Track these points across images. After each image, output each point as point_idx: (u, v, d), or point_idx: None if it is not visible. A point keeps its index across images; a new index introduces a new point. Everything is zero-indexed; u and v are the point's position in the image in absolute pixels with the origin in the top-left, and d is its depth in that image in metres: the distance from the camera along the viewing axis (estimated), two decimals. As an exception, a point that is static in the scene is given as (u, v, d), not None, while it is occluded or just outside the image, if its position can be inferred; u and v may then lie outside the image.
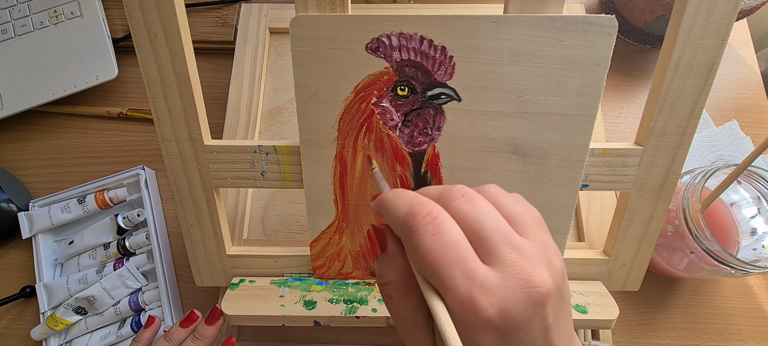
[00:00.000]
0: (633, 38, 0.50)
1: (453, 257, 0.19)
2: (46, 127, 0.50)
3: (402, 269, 0.22)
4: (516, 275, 0.19)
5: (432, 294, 0.20)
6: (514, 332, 0.19)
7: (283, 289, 0.36)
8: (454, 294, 0.19)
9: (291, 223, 0.44)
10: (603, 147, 0.32)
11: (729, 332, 0.42)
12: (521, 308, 0.19)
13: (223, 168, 0.34)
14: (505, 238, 0.20)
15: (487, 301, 0.18)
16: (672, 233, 0.37)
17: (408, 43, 0.29)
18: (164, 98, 0.32)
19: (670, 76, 0.30)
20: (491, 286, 0.19)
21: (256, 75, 0.47)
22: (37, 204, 0.45)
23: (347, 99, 0.31)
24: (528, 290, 0.19)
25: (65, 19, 0.49)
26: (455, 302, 0.19)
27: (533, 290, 0.19)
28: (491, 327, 0.18)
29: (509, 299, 0.19)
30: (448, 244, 0.19)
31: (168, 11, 0.29)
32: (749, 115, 0.49)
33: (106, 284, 0.41)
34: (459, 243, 0.19)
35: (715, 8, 0.28)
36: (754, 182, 0.38)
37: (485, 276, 0.19)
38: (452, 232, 0.20)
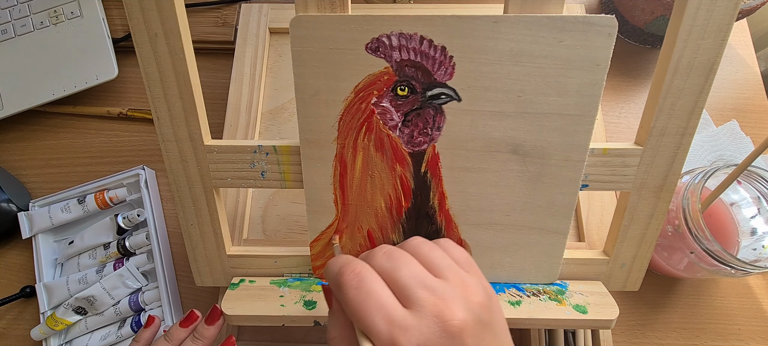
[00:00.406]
0: (633, 38, 0.50)
1: (373, 306, 0.22)
2: (46, 127, 0.50)
3: (343, 325, 0.25)
4: (430, 312, 0.22)
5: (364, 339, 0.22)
6: None
7: (283, 289, 0.36)
8: (378, 338, 0.21)
9: (291, 223, 0.44)
10: (603, 147, 0.32)
11: (729, 332, 0.42)
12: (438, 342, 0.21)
13: (223, 168, 0.34)
14: (420, 282, 0.23)
15: (406, 339, 0.21)
16: (672, 233, 0.37)
17: (408, 43, 0.29)
18: (164, 98, 0.32)
19: (670, 76, 0.30)
20: (409, 326, 0.21)
21: (256, 75, 0.47)
22: (37, 204, 0.45)
23: (347, 99, 0.31)
24: (442, 324, 0.22)
25: (65, 19, 0.49)
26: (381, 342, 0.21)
27: (447, 324, 0.21)
28: None
29: (425, 335, 0.21)
30: (369, 294, 0.22)
31: (168, 11, 0.29)
32: (749, 115, 0.49)
33: (106, 284, 0.41)
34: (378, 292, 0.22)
35: (715, 8, 0.28)
36: (754, 182, 0.38)
37: (403, 318, 0.22)
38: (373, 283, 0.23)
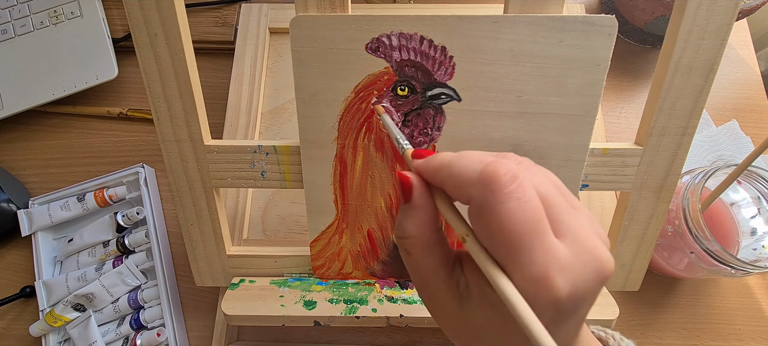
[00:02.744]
0: (633, 38, 0.50)
1: (536, 227, 0.17)
2: (46, 127, 0.50)
3: (426, 225, 0.20)
4: (586, 248, 0.18)
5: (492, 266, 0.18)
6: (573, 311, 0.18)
7: (283, 289, 0.36)
8: (529, 270, 0.17)
9: (291, 223, 0.44)
10: (603, 147, 0.32)
11: (729, 332, 0.42)
12: (589, 286, 0.17)
13: (223, 168, 0.34)
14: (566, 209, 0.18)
15: (562, 280, 0.17)
16: (672, 233, 0.37)
17: (408, 43, 0.29)
18: (164, 98, 0.32)
19: (670, 76, 0.30)
20: (567, 263, 0.17)
21: (256, 75, 0.47)
22: (37, 202, 0.45)
23: (347, 99, 0.31)
24: (598, 266, 0.18)
25: (65, 19, 0.49)
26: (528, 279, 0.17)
27: (602, 266, 0.18)
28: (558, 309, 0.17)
29: (581, 277, 0.17)
30: (534, 211, 0.17)
31: (168, 11, 0.29)
32: (749, 115, 0.49)
33: (105, 282, 0.41)
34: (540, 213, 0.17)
35: (715, 8, 0.28)
36: (754, 182, 0.37)
37: (561, 252, 0.17)
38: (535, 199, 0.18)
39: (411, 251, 0.21)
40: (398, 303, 0.35)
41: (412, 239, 0.21)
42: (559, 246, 0.17)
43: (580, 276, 0.17)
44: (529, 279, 0.17)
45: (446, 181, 0.20)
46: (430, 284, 0.21)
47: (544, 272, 0.17)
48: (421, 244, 0.20)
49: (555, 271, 0.17)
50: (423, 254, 0.21)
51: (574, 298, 0.17)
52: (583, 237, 0.18)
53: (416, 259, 0.21)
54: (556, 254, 0.17)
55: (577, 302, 0.17)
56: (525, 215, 0.17)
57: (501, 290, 0.17)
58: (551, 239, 0.17)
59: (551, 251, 0.17)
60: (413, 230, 0.20)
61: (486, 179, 0.18)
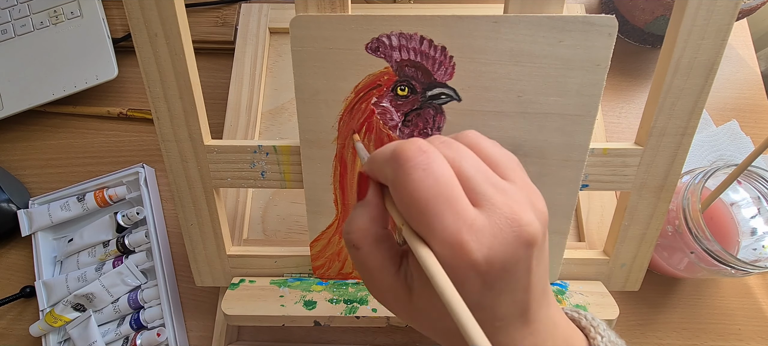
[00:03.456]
0: (633, 38, 0.50)
1: (443, 195, 0.18)
2: (46, 127, 0.50)
3: (375, 219, 0.21)
4: (503, 215, 0.18)
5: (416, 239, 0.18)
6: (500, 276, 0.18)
7: (283, 289, 0.36)
8: (442, 236, 0.18)
9: (291, 223, 0.44)
10: (603, 147, 0.32)
11: (729, 332, 0.42)
12: (509, 249, 0.18)
13: (223, 168, 0.34)
14: (488, 179, 0.19)
15: (476, 243, 0.17)
16: (672, 233, 0.37)
17: (408, 43, 0.29)
18: (164, 98, 0.32)
19: (670, 76, 0.30)
20: (480, 227, 0.18)
21: (256, 75, 0.47)
22: (37, 202, 0.45)
23: (347, 99, 0.31)
24: (517, 230, 0.18)
25: (65, 19, 0.49)
26: (443, 244, 0.18)
27: (522, 230, 0.18)
28: (477, 272, 0.18)
29: (498, 240, 0.18)
30: (439, 179, 0.18)
31: (168, 11, 0.29)
32: (749, 115, 0.49)
33: (105, 282, 0.41)
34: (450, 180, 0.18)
35: (715, 8, 0.28)
36: (754, 182, 0.38)
37: (474, 217, 0.18)
38: (444, 168, 0.18)
39: (360, 245, 0.21)
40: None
41: (360, 231, 0.21)
42: (473, 212, 0.18)
43: (496, 239, 0.18)
44: (444, 244, 0.18)
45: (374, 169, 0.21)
46: (378, 278, 0.22)
47: (456, 236, 0.17)
48: (369, 238, 0.21)
49: (467, 234, 0.17)
50: (371, 248, 0.21)
51: (493, 262, 0.18)
52: (502, 203, 0.18)
53: (364, 254, 0.21)
54: (467, 218, 0.18)
55: (499, 266, 0.18)
56: (431, 183, 0.18)
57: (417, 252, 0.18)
58: (464, 206, 0.18)
59: (462, 215, 0.18)
60: (361, 224, 0.21)
61: (395, 155, 0.19)
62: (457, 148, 0.20)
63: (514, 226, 0.18)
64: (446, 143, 0.20)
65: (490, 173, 0.20)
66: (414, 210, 0.18)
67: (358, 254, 0.21)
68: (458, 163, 0.19)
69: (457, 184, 0.18)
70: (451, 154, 0.20)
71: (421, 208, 0.18)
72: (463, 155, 0.20)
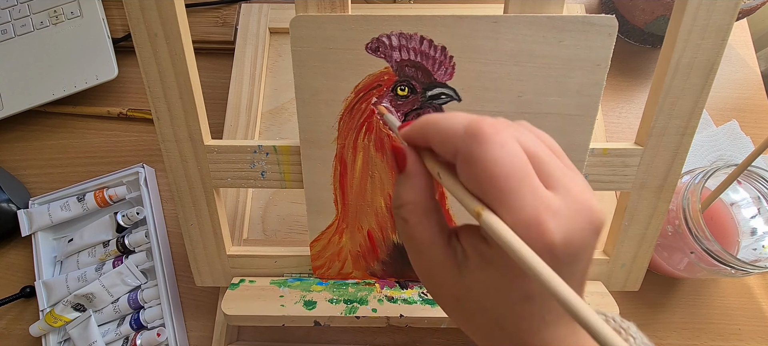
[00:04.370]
0: (633, 38, 0.50)
1: (521, 174, 0.17)
2: (46, 127, 0.50)
3: (422, 191, 0.21)
4: (578, 199, 0.18)
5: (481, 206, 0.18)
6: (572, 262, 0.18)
7: (283, 289, 0.36)
8: (519, 214, 0.17)
9: (291, 223, 0.44)
10: (603, 147, 0.32)
11: (729, 332, 0.42)
12: (584, 235, 0.18)
13: (223, 168, 0.34)
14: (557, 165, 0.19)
15: (555, 225, 0.17)
16: (672, 233, 0.37)
17: (408, 43, 0.29)
18: (164, 98, 0.32)
19: (670, 76, 0.30)
20: (557, 209, 0.17)
21: (256, 75, 0.47)
22: (37, 202, 0.45)
23: (347, 99, 0.31)
24: (590, 215, 0.18)
25: (65, 19, 0.49)
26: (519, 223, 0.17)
27: (594, 216, 0.18)
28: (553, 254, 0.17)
29: (574, 224, 0.17)
30: (516, 158, 0.18)
31: (168, 11, 0.29)
32: (749, 115, 0.49)
33: (105, 282, 0.41)
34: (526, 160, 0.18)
35: (715, 8, 0.28)
36: (754, 182, 0.38)
37: (552, 199, 0.18)
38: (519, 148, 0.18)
39: (408, 218, 0.21)
40: (398, 303, 0.35)
41: (408, 205, 0.21)
42: (550, 194, 0.18)
43: (573, 224, 0.18)
44: (521, 223, 0.17)
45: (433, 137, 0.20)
46: (427, 253, 0.21)
47: (535, 216, 0.17)
48: (418, 210, 0.21)
49: (547, 215, 0.17)
50: (420, 221, 0.21)
51: (568, 246, 0.17)
52: (576, 190, 0.18)
53: (413, 226, 0.21)
54: (545, 199, 0.17)
55: (572, 252, 0.18)
56: (510, 160, 0.18)
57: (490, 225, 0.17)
58: (540, 186, 0.18)
59: (541, 196, 0.17)
60: (410, 197, 0.21)
61: (471, 130, 0.18)
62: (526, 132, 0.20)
63: (587, 211, 0.18)
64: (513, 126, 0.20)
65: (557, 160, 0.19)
66: (491, 186, 0.18)
67: (407, 227, 0.21)
68: (531, 146, 0.19)
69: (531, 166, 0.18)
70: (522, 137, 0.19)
71: (499, 184, 0.17)
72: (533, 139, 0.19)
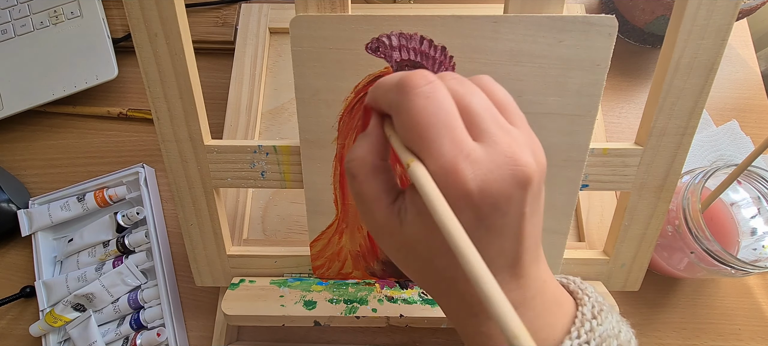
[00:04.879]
0: (633, 38, 0.50)
1: (443, 122, 0.18)
2: (46, 127, 0.50)
3: (374, 149, 0.22)
4: (503, 152, 0.18)
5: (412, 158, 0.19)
6: (492, 212, 0.18)
7: (283, 289, 0.36)
8: (438, 161, 0.18)
9: (291, 223, 0.44)
10: (603, 147, 0.32)
11: (729, 332, 0.42)
12: (504, 186, 0.18)
13: (223, 168, 0.34)
14: (494, 118, 0.20)
15: (471, 172, 0.18)
16: (672, 233, 0.37)
17: (408, 43, 0.29)
18: (164, 98, 0.32)
19: (670, 76, 0.30)
20: (477, 158, 0.18)
21: (256, 75, 0.47)
22: (37, 202, 0.45)
23: (347, 99, 0.31)
24: (513, 167, 0.18)
25: (65, 19, 0.49)
26: (438, 169, 0.18)
27: (518, 169, 0.18)
28: (470, 203, 0.18)
29: (493, 174, 0.18)
30: (441, 107, 0.19)
31: (168, 11, 0.29)
32: (749, 115, 0.49)
33: (105, 282, 0.41)
34: (451, 111, 0.19)
35: (715, 8, 0.28)
36: (754, 182, 0.38)
37: (472, 148, 0.18)
38: (446, 99, 0.19)
39: (357, 173, 0.22)
40: (398, 303, 0.35)
41: (358, 160, 0.22)
42: (473, 143, 0.19)
43: (492, 174, 0.18)
44: (439, 170, 0.18)
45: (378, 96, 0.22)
46: (372, 207, 0.22)
47: (452, 162, 0.18)
48: (366, 167, 0.21)
49: (464, 163, 0.18)
50: (368, 177, 0.21)
51: (485, 195, 0.18)
52: (505, 143, 0.19)
53: (361, 182, 0.22)
54: (465, 148, 0.18)
55: (490, 202, 0.18)
56: (433, 109, 0.18)
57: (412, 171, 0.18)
58: (463, 135, 0.19)
59: (461, 144, 0.18)
60: (360, 153, 0.22)
61: (401, 82, 0.20)
62: (468, 86, 0.20)
63: (511, 163, 0.18)
64: (458, 80, 0.21)
65: (497, 114, 0.20)
66: (414, 134, 0.19)
67: (354, 182, 0.22)
68: (466, 98, 0.20)
69: (458, 115, 0.19)
70: (460, 90, 0.20)
71: (421, 132, 0.18)
72: (473, 92, 0.20)
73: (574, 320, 0.21)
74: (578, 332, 0.20)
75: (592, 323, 0.21)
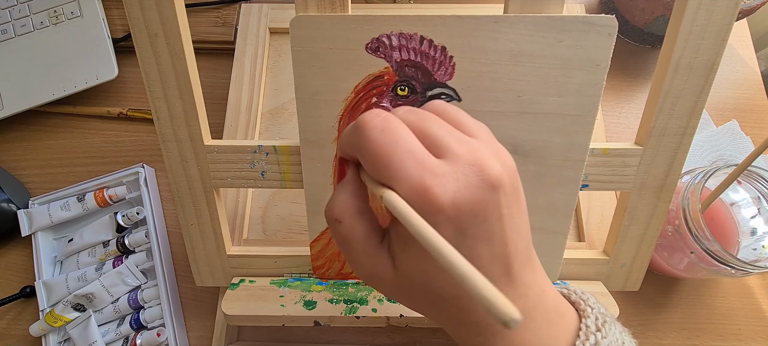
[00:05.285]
0: (633, 38, 0.50)
1: (403, 148, 0.19)
2: (46, 127, 0.50)
3: (354, 193, 0.22)
4: (467, 161, 0.19)
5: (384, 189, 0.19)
6: (470, 221, 0.19)
7: (283, 289, 0.36)
8: (406, 184, 0.18)
9: (291, 223, 0.44)
10: (603, 147, 0.32)
11: (729, 332, 0.42)
12: (476, 192, 0.18)
13: (223, 168, 0.34)
14: (451, 134, 0.20)
15: (440, 187, 0.18)
16: (672, 233, 0.37)
17: (408, 43, 0.29)
18: (164, 98, 0.32)
19: (670, 76, 0.30)
20: (443, 172, 0.18)
21: (256, 75, 0.47)
22: (37, 202, 0.45)
23: (347, 99, 0.31)
24: (480, 173, 0.19)
25: (65, 19, 0.49)
26: (408, 192, 0.18)
27: (485, 173, 0.19)
28: (446, 217, 0.18)
29: (462, 183, 0.18)
30: (398, 135, 0.19)
31: (168, 11, 0.29)
32: (749, 115, 0.49)
33: (105, 282, 0.41)
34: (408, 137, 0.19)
35: (715, 8, 0.28)
36: (754, 182, 0.38)
37: (436, 164, 0.19)
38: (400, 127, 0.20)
39: (341, 218, 0.22)
40: (398, 303, 0.35)
41: (342, 203, 0.22)
42: (436, 161, 0.19)
43: (460, 183, 0.18)
44: (410, 192, 0.18)
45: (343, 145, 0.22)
46: (362, 250, 0.22)
47: (419, 182, 0.18)
48: (350, 210, 0.22)
49: (431, 180, 0.18)
50: (352, 220, 0.22)
51: (460, 205, 0.18)
52: (465, 152, 0.19)
53: (346, 226, 0.22)
54: (430, 166, 0.19)
55: (467, 211, 0.18)
56: (391, 139, 0.19)
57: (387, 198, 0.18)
58: (424, 155, 0.19)
59: (424, 163, 0.19)
60: (343, 197, 0.22)
61: (356, 123, 0.20)
62: (421, 113, 0.21)
63: (476, 170, 0.19)
64: (410, 110, 0.21)
65: (454, 130, 0.21)
66: (379, 166, 0.19)
67: (340, 228, 0.22)
68: (420, 124, 0.20)
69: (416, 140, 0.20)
70: (413, 118, 0.21)
71: (385, 162, 0.19)
72: (426, 117, 0.21)
73: (578, 333, 0.21)
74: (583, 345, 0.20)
75: (596, 336, 0.20)
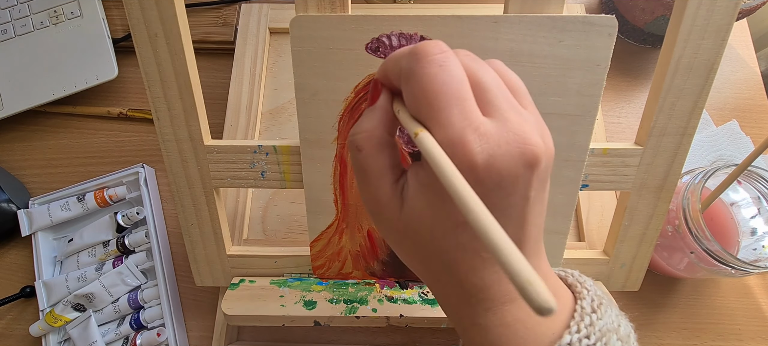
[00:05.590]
0: (633, 38, 0.50)
1: (454, 92, 0.18)
2: (46, 127, 0.50)
3: (382, 123, 0.21)
4: (513, 129, 0.18)
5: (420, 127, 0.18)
6: (495, 189, 0.18)
7: (283, 289, 0.36)
8: (446, 130, 0.18)
9: (291, 223, 0.44)
10: (603, 147, 0.32)
11: (729, 332, 0.42)
12: (511, 163, 0.18)
13: (223, 168, 0.34)
14: (505, 97, 0.19)
15: (479, 145, 0.17)
16: (672, 233, 0.37)
17: (408, 43, 0.29)
18: (164, 98, 0.32)
19: (670, 76, 0.30)
20: (486, 132, 0.18)
21: (256, 75, 0.47)
22: (37, 202, 0.45)
23: (347, 99, 0.31)
24: (522, 146, 0.18)
25: (65, 19, 0.49)
26: (445, 139, 0.17)
27: (527, 148, 0.18)
28: (474, 176, 0.17)
29: (501, 150, 0.18)
30: (452, 77, 0.18)
31: (168, 11, 0.29)
32: (749, 115, 0.49)
33: (105, 282, 0.41)
34: (463, 82, 0.18)
35: (715, 8, 0.28)
36: (754, 182, 0.38)
37: (482, 122, 0.18)
38: (459, 70, 0.19)
39: (362, 145, 0.21)
40: (398, 303, 0.35)
41: (365, 132, 0.21)
42: (483, 118, 0.18)
43: (499, 150, 0.18)
44: (447, 140, 0.17)
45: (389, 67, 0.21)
46: (375, 184, 0.21)
47: (460, 134, 0.17)
48: (372, 140, 0.21)
49: (473, 135, 0.17)
50: (374, 151, 0.21)
51: (491, 170, 0.17)
52: (515, 122, 0.18)
53: (366, 155, 0.21)
54: (475, 121, 0.18)
55: (496, 178, 0.18)
56: (445, 78, 0.18)
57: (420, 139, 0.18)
58: (473, 108, 0.18)
59: (470, 116, 0.18)
60: (369, 126, 0.21)
61: (414, 50, 0.19)
62: (481, 63, 0.20)
63: (520, 142, 0.18)
64: (472, 56, 0.20)
65: (509, 94, 0.20)
66: (423, 102, 0.18)
67: (359, 156, 0.21)
68: (478, 73, 0.19)
69: (470, 88, 0.19)
70: (474, 65, 0.19)
71: (431, 100, 0.18)
72: (486, 69, 0.20)
73: (573, 314, 0.21)
74: (578, 326, 0.20)
75: (591, 317, 0.20)
